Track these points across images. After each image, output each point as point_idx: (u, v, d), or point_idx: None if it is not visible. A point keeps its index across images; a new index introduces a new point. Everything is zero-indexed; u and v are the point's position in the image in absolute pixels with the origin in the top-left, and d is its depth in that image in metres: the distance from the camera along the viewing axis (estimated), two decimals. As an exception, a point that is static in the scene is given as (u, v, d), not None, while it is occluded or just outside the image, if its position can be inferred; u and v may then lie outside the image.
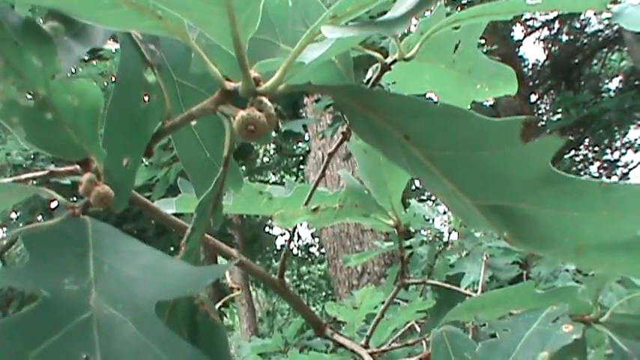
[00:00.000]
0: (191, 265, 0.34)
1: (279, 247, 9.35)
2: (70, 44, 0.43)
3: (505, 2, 0.73)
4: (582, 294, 0.78)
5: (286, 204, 0.84)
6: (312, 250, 10.15)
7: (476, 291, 1.59)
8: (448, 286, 1.18)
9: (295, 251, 8.80)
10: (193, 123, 0.49)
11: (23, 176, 0.66)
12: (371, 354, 0.76)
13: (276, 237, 9.52)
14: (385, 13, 0.44)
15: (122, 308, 0.31)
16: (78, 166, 0.55)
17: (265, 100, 0.38)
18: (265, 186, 0.86)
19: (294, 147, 7.66)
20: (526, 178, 0.41)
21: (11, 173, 3.56)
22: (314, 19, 0.59)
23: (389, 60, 0.73)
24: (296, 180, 7.79)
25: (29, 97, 0.42)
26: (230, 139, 0.42)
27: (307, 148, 6.94)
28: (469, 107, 0.90)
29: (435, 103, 0.40)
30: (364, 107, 0.41)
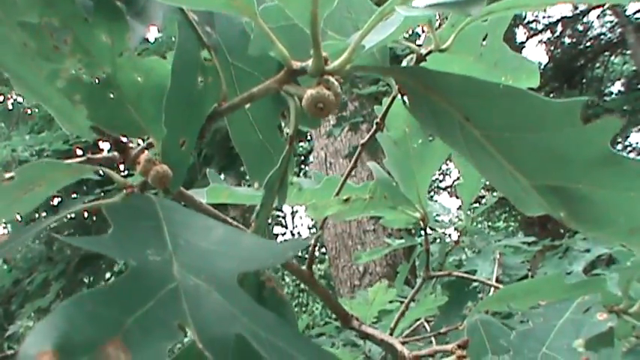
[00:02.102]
0: (266, 239, 0.35)
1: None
2: (133, 24, 0.44)
3: (542, -6, 0.73)
4: (611, 285, 0.79)
5: (316, 195, 0.84)
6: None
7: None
8: (474, 277, 1.18)
9: (296, 250, 8.79)
10: (247, 105, 0.50)
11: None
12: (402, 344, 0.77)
13: (277, 236, 9.51)
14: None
15: (205, 279, 0.32)
16: (116, 153, 0.56)
17: (332, 79, 0.39)
18: (294, 177, 0.87)
19: (296, 146, 7.66)
20: (585, 159, 0.41)
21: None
22: (357, 8, 0.60)
23: (424, 51, 0.73)
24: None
25: (93, 75, 0.43)
26: (295, 117, 0.42)
27: (309, 148, 6.94)
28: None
29: (498, 84, 0.41)
30: (427, 89, 0.41)
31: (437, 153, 0.88)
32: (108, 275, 4.74)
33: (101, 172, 0.51)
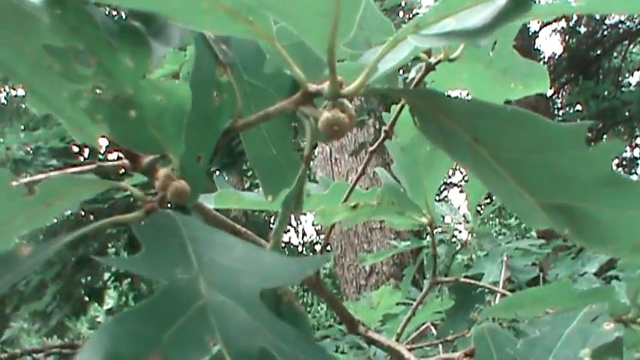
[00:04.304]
0: (286, 256, 0.39)
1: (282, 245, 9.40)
2: (153, 44, 0.48)
3: (551, 4, 0.77)
4: (620, 294, 0.83)
5: (324, 201, 0.88)
6: (317, 247, 10.17)
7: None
8: (481, 284, 1.22)
9: (300, 248, 8.88)
10: (261, 121, 0.54)
11: (69, 170, 0.70)
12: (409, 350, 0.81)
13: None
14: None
15: (230, 295, 0.36)
16: (127, 161, 0.60)
17: (347, 102, 0.43)
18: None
19: (300, 142, 7.69)
20: (589, 179, 0.45)
21: (12, 168, 3.57)
22: (370, 24, 0.64)
23: (433, 60, 0.77)
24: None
25: (116, 96, 0.46)
26: (311, 138, 0.46)
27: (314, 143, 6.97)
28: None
29: (506, 107, 0.45)
30: (437, 111, 0.45)
31: (445, 159, 0.91)
32: (107, 276, 4.78)
33: (115, 178, 0.55)
